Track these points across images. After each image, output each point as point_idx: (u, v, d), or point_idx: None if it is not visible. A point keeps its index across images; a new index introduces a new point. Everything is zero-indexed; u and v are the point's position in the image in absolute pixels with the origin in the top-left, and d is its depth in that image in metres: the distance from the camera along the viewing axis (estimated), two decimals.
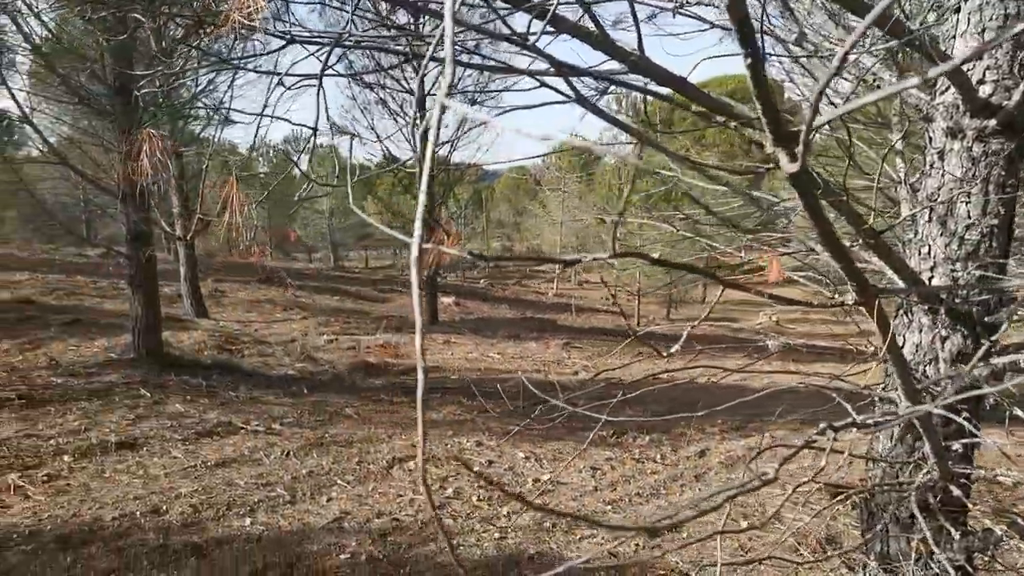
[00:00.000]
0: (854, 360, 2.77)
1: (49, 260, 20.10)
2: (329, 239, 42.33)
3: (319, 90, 2.10)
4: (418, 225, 0.70)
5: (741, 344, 3.89)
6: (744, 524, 5.26)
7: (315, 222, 41.77)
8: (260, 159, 37.23)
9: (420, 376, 0.66)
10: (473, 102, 18.91)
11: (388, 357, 12.52)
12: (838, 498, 2.96)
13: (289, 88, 2.19)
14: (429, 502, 0.63)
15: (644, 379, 2.65)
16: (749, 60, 0.93)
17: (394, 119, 19.24)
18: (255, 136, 2.83)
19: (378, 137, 18.95)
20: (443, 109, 0.69)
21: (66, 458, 6.04)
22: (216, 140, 7.02)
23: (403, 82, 18.07)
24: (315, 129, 2.40)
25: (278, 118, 2.46)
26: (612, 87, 2.18)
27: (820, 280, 3.62)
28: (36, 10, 6.94)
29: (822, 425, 1.43)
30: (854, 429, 1.55)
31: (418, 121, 16.01)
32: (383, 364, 11.67)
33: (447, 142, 19.33)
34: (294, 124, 2.58)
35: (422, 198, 0.69)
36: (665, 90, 1.90)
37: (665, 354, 2.08)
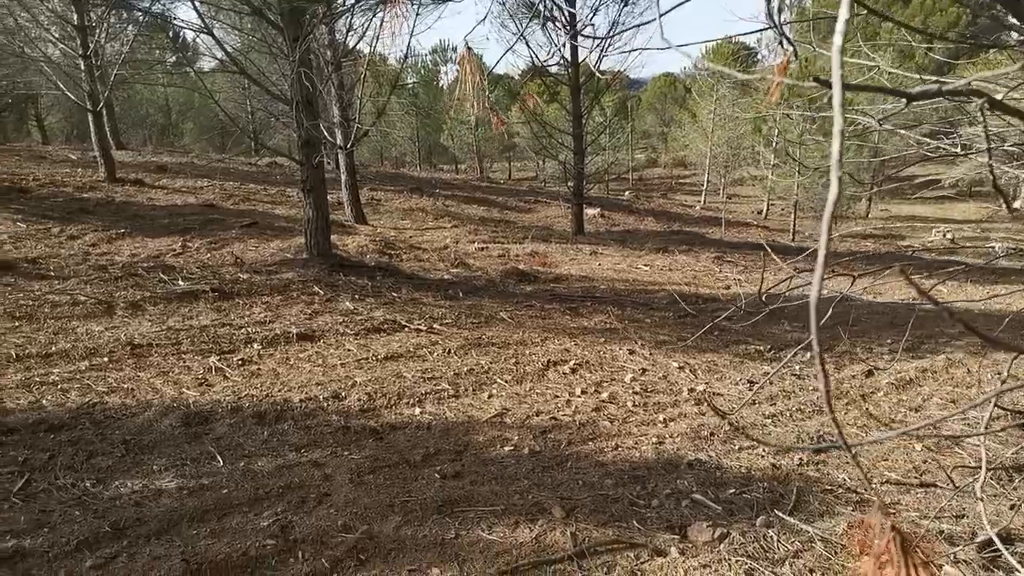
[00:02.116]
0: None
1: (224, 169, 21.69)
2: (475, 150, 42.79)
3: None
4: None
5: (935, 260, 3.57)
6: (918, 447, 4.99)
7: (461, 133, 42.28)
8: (409, 70, 37.79)
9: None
10: (626, 2, 18.08)
11: (537, 266, 12.68)
12: None
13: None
14: (836, 425, 0.60)
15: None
16: None
17: (543, 27, 18.77)
18: (406, 47, 2.81)
19: (527, 44, 18.63)
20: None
21: (255, 346, 6.66)
22: (372, 50, 7.11)
23: None
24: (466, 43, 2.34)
25: None
26: None
27: (1005, 192, 3.21)
28: None
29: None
30: None
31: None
32: (533, 272, 11.84)
33: (597, 46, 18.66)
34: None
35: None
36: None
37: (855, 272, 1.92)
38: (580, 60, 18.50)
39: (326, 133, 10.19)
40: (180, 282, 8.24)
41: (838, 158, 0.85)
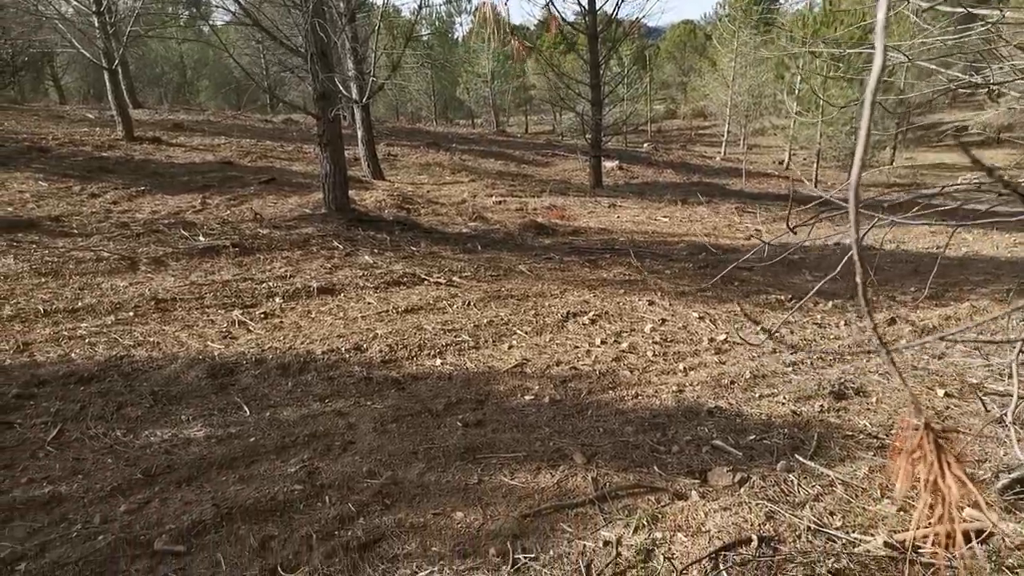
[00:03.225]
0: None
1: (241, 126, 21.64)
2: (491, 103, 42.29)
3: None
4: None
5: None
6: (940, 393, 4.96)
7: (476, 86, 41.75)
8: (423, 21, 37.24)
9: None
10: None
11: (555, 219, 12.62)
12: None
13: None
14: (874, 331, 0.58)
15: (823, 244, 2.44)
16: None
17: None
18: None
19: None
20: None
21: (277, 300, 6.73)
22: (386, 1, 6.99)
23: None
24: None
25: None
26: None
27: None
28: None
29: None
30: None
31: None
32: (552, 225, 11.79)
33: None
34: None
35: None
36: None
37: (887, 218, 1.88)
38: (598, 7, 18.09)
39: (341, 87, 10.10)
40: (201, 238, 8.30)
41: (878, 78, 0.82)
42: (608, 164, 22.71)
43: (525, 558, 2.92)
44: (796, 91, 24.03)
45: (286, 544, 3.06)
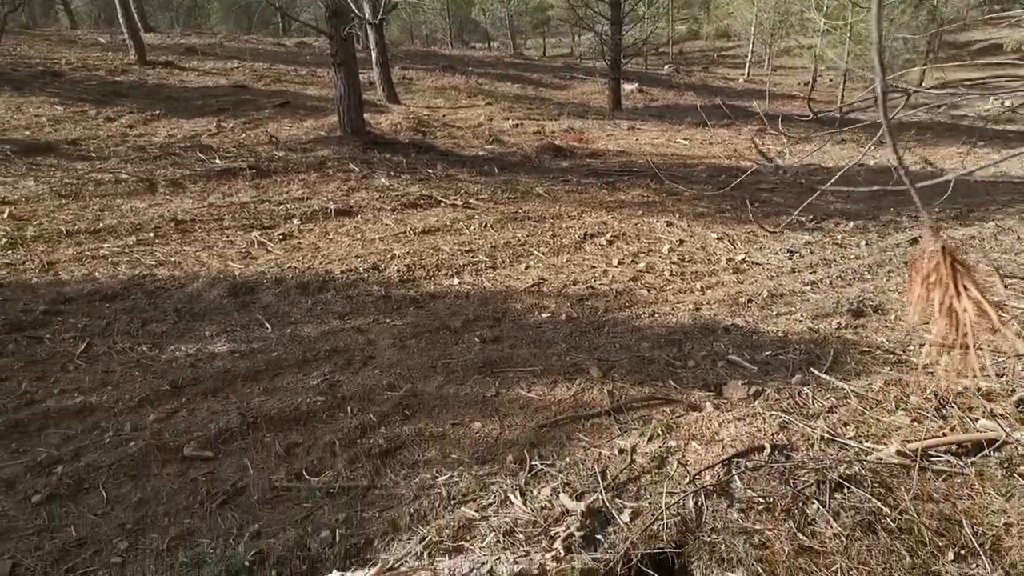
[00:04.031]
0: None
1: (253, 50, 21.24)
2: (507, 25, 41.08)
3: None
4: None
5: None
6: None
7: (492, 7, 40.47)
8: None
9: None
10: None
11: (573, 141, 12.42)
12: None
13: None
14: (898, 160, 0.56)
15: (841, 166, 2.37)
16: None
17: None
18: None
19: None
20: None
21: (295, 221, 6.75)
22: None
23: None
24: None
25: None
26: None
27: None
28: None
29: None
30: None
31: None
32: (569, 148, 11.61)
33: None
34: None
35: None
36: None
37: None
38: None
39: (352, 4, 9.84)
40: (217, 161, 8.28)
41: None
42: (627, 87, 22.14)
43: (542, 464, 3.00)
44: (824, 6, 23.08)
45: (310, 451, 3.16)
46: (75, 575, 2.40)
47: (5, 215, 6.11)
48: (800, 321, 4.76)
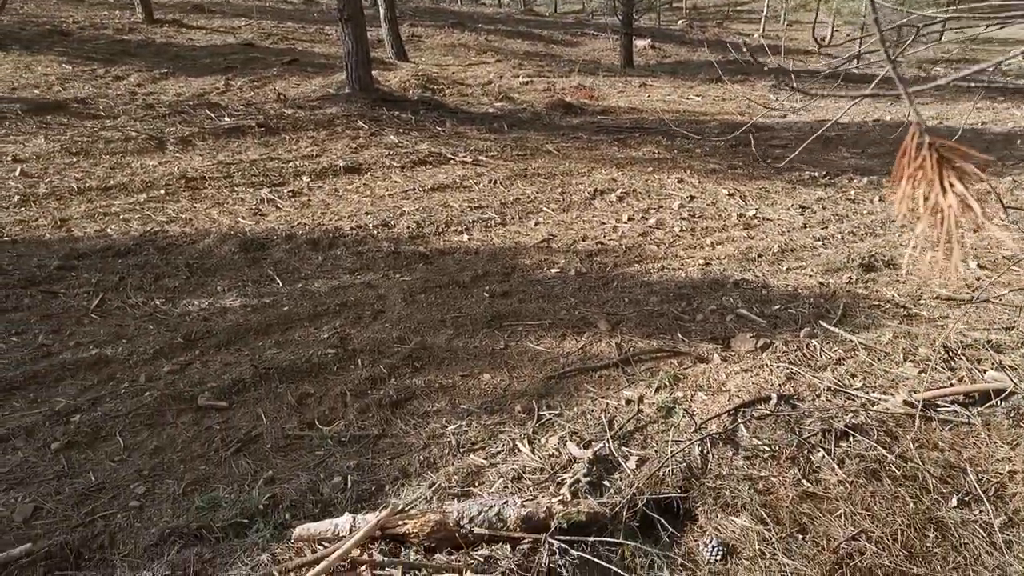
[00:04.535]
0: None
1: (261, 7, 20.97)
2: None
3: None
4: None
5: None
6: (973, 264, 4.90)
7: None
8: None
9: None
10: None
11: (584, 98, 12.26)
12: None
13: None
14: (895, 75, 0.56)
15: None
16: None
17: None
18: None
19: None
20: None
21: (304, 178, 6.74)
22: None
23: None
24: None
25: None
26: None
27: None
28: None
29: None
30: None
31: None
32: (580, 105, 11.48)
33: None
34: None
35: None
36: None
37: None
38: None
39: None
40: (226, 119, 8.25)
41: None
42: (640, 43, 21.73)
43: (550, 414, 3.03)
44: None
45: (322, 401, 3.21)
46: (95, 518, 2.47)
47: (17, 172, 6.14)
48: (810, 276, 4.75)
